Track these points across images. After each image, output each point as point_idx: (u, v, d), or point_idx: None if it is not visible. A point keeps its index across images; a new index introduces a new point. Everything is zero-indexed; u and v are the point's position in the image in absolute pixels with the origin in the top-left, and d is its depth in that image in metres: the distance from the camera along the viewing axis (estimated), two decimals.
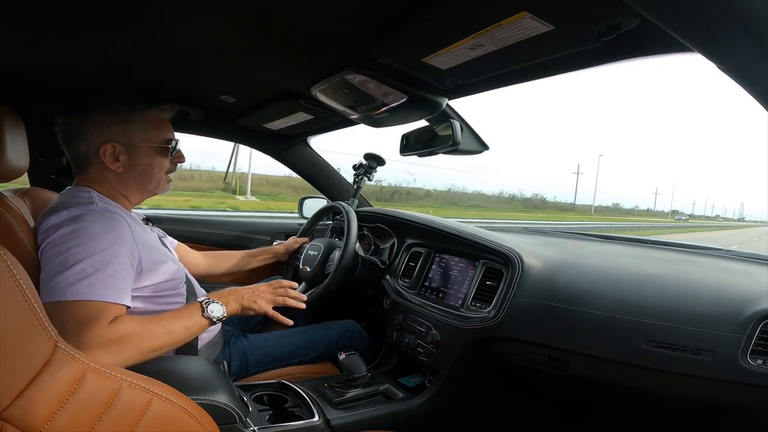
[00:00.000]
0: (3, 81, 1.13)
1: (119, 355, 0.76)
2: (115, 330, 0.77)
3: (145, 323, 0.82)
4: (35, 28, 0.85)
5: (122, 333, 0.77)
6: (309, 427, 0.94)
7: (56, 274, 0.78)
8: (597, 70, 0.82)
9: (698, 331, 0.80)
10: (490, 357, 1.07)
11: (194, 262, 1.36)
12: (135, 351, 0.78)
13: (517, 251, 1.06)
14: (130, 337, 0.78)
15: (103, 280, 0.79)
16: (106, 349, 0.75)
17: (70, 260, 0.78)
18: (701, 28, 0.46)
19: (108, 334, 0.76)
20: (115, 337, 0.76)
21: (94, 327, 0.75)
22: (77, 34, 0.88)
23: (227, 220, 1.95)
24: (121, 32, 0.87)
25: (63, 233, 0.82)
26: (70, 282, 0.77)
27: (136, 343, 0.78)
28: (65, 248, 0.80)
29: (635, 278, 0.96)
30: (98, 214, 0.87)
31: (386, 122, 1.24)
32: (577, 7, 0.61)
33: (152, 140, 0.98)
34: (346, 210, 1.31)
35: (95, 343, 0.74)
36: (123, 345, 0.77)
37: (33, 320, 0.47)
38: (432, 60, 0.83)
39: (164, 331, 0.83)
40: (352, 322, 1.37)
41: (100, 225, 0.84)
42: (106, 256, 0.81)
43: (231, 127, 1.60)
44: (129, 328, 0.79)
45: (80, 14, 0.79)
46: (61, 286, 0.76)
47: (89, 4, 0.74)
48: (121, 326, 0.78)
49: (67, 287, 0.76)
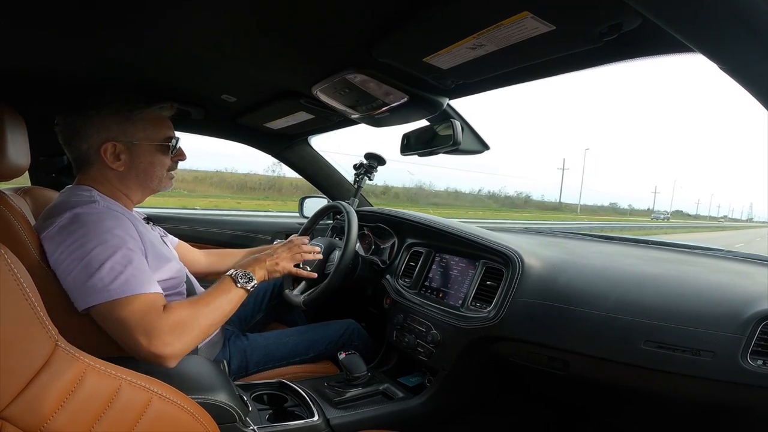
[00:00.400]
0: (4, 80, 1.13)
1: (186, 338, 0.80)
2: (173, 316, 0.80)
3: (193, 305, 0.85)
4: (36, 28, 0.85)
5: (179, 317, 0.81)
6: (309, 427, 0.94)
7: (87, 278, 0.79)
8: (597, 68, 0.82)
9: (698, 331, 0.80)
10: (490, 357, 1.07)
11: (195, 261, 1.36)
12: (197, 330, 0.82)
13: (517, 251, 1.06)
14: (187, 319, 0.82)
15: (135, 275, 0.82)
16: (173, 335, 0.78)
17: (94, 263, 0.80)
18: (703, 29, 0.46)
19: (168, 321, 0.79)
20: (175, 322, 0.80)
21: (154, 317, 0.79)
22: (78, 34, 0.88)
23: (228, 219, 1.95)
24: (122, 32, 0.87)
25: (76, 236, 0.82)
26: (106, 282, 0.79)
27: (195, 324, 0.82)
28: (85, 251, 0.81)
29: (635, 278, 0.96)
30: (103, 212, 0.87)
31: (387, 122, 1.24)
32: (578, 8, 0.61)
33: (152, 138, 0.98)
34: (347, 210, 1.31)
35: (162, 331, 0.77)
36: (185, 328, 0.81)
37: (33, 319, 0.47)
38: (433, 60, 0.83)
39: (213, 308, 0.87)
40: (352, 322, 1.37)
41: (108, 222, 0.85)
42: (125, 252, 0.84)
43: (232, 126, 1.60)
44: (182, 312, 0.82)
45: (81, 14, 0.79)
46: (99, 288, 0.79)
47: (89, 4, 0.74)
48: (175, 312, 0.81)
49: (103, 288, 0.79)
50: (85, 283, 0.79)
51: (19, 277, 0.46)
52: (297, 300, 1.30)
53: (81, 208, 0.86)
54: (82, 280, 0.80)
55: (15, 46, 0.94)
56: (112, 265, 0.81)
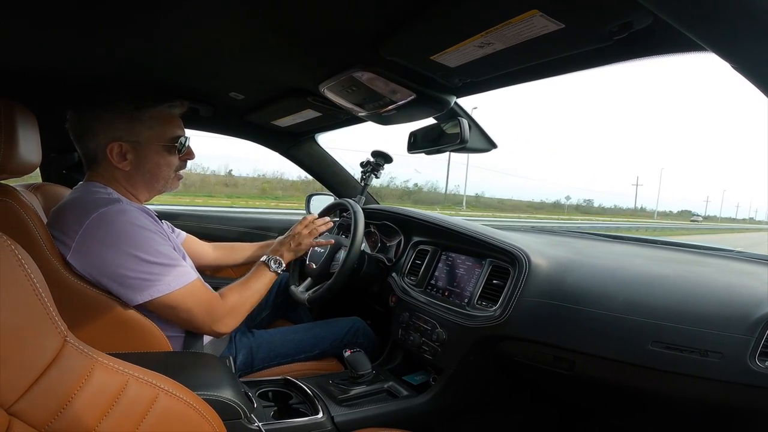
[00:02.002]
0: (17, 78, 1.15)
1: (238, 317, 1.01)
2: (229, 301, 1.00)
3: (240, 291, 1.03)
4: (46, 28, 0.86)
5: (233, 302, 1.00)
6: (313, 424, 0.94)
7: (137, 275, 0.87)
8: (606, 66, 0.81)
9: (706, 332, 0.79)
10: (496, 356, 1.07)
11: (204, 253, 1.38)
12: (244, 311, 1.02)
13: (524, 250, 1.05)
14: (238, 303, 1.01)
15: (182, 264, 0.94)
16: (230, 316, 0.98)
17: (142, 259, 0.87)
18: (717, 28, 0.45)
19: (226, 306, 0.98)
20: (231, 306, 0.99)
21: (216, 303, 0.97)
22: (87, 33, 0.88)
23: (237, 216, 1.97)
24: (131, 31, 0.87)
25: (112, 234, 0.87)
26: (159, 276, 0.88)
27: (243, 306, 1.02)
28: (127, 249, 0.86)
29: (644, 279, 0.95)
30: (130, 210, 0.91)
31: (394, 120, 1.24)
32: (588, 6, 0.60)
33: (160, 138, 0.99)
34: (354, 209, 1.31)
35: (223, 314, 0.97)
36: (238, 310, 1.01)
37: (43, 314, 0.47)
38: (440, 58, 0.83)
39: (254, 291, 1.06)
40: (357, 319, 1.37)
41: (139, 220, 0.90)
42: (164, 248, 0.91)
43: (240, 123, 1.61)
44: (234, 296, 1.01)
45: (90, 14, 0.79)
46: (158, 281, 0.88)
47: (99, 4, 0.75)
48: (229, 297, 1.00)
49: (159, 282, 0.88)
50: (136, 280, 0.86)
51: (30, 273, 0.47)
52: (302, 297, 1.30)
53: (106, 207, 0.88)
54: (128, 276, 0.86)
55: (28, 45, 0.95)
56: (160, 260, 0.89)
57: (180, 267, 0.92)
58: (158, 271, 0.88)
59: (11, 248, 0.46)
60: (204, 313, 0.94)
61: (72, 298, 0.84)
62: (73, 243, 0.85)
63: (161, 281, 0.88)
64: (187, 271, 0.93)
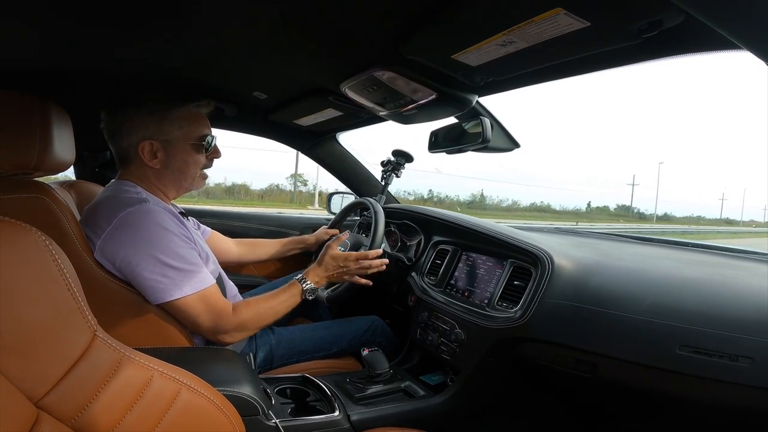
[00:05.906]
0: (52, 78, 1.19)
1: (245, 334, 1.02)
2: (239, 317, 0.99)
3: (257, 308, 1.02)
4: (91, 24, 0.87)
5: (243, 319, 0.99)
6: (329, 422, 0.95)
7: (153, 276, 0.89)
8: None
9: (737, 336, 0.76)
10: (515, 357, 1.05)
11: (228, 249, 1.42)
12: (254, 329, 1.04)
13: (547, 251, 1.03)
14: (249, 321, 1.00)
15: (199, 269, 0.94)
16: (237, 331, 0.98)
17: (160, 261, 0.89)
18: (753, 26, 0.43)
19: (235, 322, 0.98)
20: (240, 322, 0.99)
21: (225, 318, 0.96)
22: (122, 33, 0.91)
23: (260, 214, 2.01)
24: (161, 31, 0.89)
25: (135, 233, 0.89)
26: (174, 280, 0.90)
27: (254, 324, 1.02)
28: (147, 249, 0.89)
29: (672, 281, 0.92)
30: (156, 211, 0.93)
31: (415, 119, 1.23)
32: (615, 4, 0.58)
33: (188, 137, 1.02)
34: (375, 209, 1.30)
35: (229, 328, 0.97)
36: (247, 327, 1.01)
37: (75, 309, 0.49)
38: (462, 57, 0.82)
39: (273, 314, 1.05)
40: (376, 318, 1.37)
41: (164, 221, 0.93)
42: (184, 251, 0.93)
43: (263, 122, 1.64)
44: (247, 313, 1.00)
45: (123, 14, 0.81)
46: (171, 285, 0.89)
47: (128, 5, 0.77)
48: (241, 314, 0.99)
49: (172, 285, 0.90)
50: (156, 280, 0.89)
51: (63, 268, 0.49)
52: (322, 295, 1.31)
53: (134, 207, 0.91)
54: (151, 277, 0.88)
55: (64, 45, 0.98)
56: (180, 265, 0.90)
57: (196, 272, 0.93)
58: (173, 275, 0.89)
59: (45, 244, 0.48)
60: (210, 322, 0.94)
61: (101, 294, 0.87)
62: (98, 240, 0.89)
63: (175, 285, 0.90)
64: (203, 277, 0.94)
